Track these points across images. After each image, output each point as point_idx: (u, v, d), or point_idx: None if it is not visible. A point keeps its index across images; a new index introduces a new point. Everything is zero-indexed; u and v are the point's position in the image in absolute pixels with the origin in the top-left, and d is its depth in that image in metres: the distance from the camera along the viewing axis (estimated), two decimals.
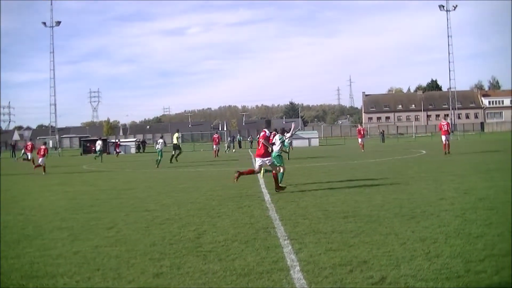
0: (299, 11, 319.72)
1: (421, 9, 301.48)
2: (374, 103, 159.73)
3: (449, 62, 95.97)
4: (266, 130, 16.07)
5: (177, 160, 37.27)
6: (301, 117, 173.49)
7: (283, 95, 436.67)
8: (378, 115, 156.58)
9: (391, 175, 19.54)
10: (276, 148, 16.63)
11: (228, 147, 56.13)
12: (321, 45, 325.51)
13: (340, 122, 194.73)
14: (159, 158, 33.19)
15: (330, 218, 10.52)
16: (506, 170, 18.81)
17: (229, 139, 59.45)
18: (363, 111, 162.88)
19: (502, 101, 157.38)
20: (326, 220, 10.25)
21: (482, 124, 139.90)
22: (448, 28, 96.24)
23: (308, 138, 68.31)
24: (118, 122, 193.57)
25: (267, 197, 14.43)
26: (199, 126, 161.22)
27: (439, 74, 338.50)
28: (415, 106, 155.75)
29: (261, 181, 18.31)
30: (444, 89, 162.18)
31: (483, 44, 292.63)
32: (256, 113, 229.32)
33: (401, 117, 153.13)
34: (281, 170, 16.43)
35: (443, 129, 32.21)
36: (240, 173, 15.62)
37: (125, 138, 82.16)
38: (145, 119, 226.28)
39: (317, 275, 6.52)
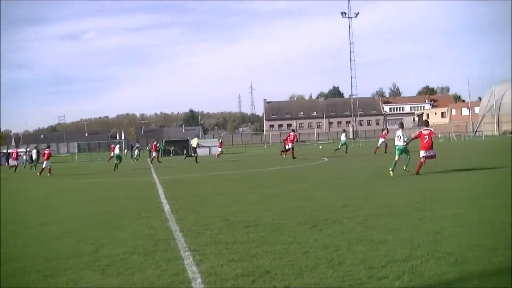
0: (199, 16, 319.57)
1: (324, 15, 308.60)
2: (276, 110, 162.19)
3: (350, 69, 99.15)
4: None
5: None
6: (201, 125, 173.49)
7: (183, 103, 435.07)
8: (280, 122, 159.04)
9: (294, 183, 19.90)
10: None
11: (133, 156, 56.15)
12: (221, 51, 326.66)
13: (241, 130, 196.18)
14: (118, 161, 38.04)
15: (232, 228, 10.57)
16: (408, 176, 19.59)
17: (129, 148, 58.93)
18: (264, 118, 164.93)
19: (403, 108, 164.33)
20: (228, 230, 10.29)
21: (383, 130, 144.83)
22: (349, 34, 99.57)
23: (209, 146, 68.42)
24: (10, 131, 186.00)
25: (166, 207, 14.32)
26: (96, 135, 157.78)
27: (341, 81, 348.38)
28: (317, 113, 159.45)
29: (161, 191, 18.17)
30: (346, 96, 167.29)
31: (385, 51, 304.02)
32: (155, 121, 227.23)
33: (303, 124, 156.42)
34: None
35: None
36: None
37: (17, 148, 79.28)
38: (39, 127, 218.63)
39: (219, 287, 6.54)
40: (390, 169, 20.31)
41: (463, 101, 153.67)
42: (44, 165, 34.53)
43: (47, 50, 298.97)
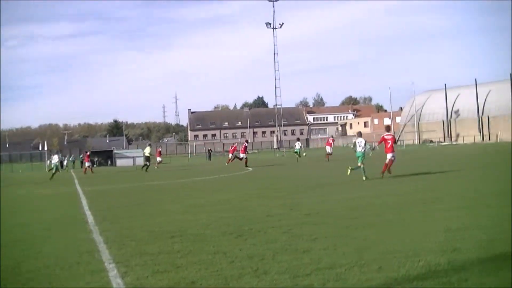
0: (123, 24, 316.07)
1: (249, 25, 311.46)
2: (200, 120, 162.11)
3: (275, 79, 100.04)
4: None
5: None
6: (126, 135, 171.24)
7: (107, 113, 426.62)
8: (204, 132, 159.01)
9: (219, 193, 19.86)
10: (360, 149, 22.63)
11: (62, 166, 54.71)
12: (146, 61, 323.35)
13: (165, 140, 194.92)
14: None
15: (157, 238, 10.45)
16: (332, 185, 19.89)
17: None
18: (189, 128, 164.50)
19: (326, 118, 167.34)
20: (152, 241, 10.16)
21: (307, 140, 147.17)
22: (274, 45, 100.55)
23: (133, 157, 67.69)
24: None
25: (90, 218, 14.05)
26: (17, 145, 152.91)
27: (265, 91, 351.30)
28: (241, 123, 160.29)
29: (84, 202, 17.81)
30: (271, 106, 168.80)
31: (308, 61, 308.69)
32: (78, 132, 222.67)
33: (227, 134, 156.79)
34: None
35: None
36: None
37: None
38: None
39: None
40: (364, 177, 21.37)
41: (385, 111, 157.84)
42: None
43: None
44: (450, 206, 12.71)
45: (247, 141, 45.17)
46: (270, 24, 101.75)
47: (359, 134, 24.51)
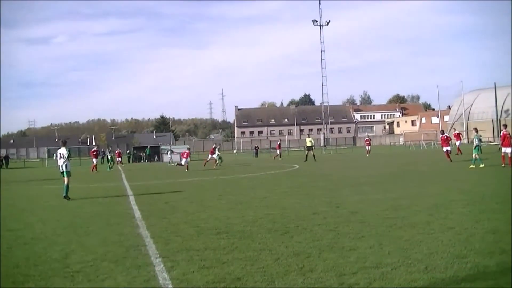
0: (169, 21, 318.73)
1: (295, 22, 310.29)
2: (247, 117, 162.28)
3: (322, 76, 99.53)
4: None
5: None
6: (173, 131, 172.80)
7: (154, 109, 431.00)
8: (251, 129, 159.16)
9: (264, 190, 19.90)
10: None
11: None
12: (192, 57, 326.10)
13: (212, 136, 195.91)
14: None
15: (202, 234, 10.55)
16: (376, 184, 19.75)
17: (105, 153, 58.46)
18: (235, 125, 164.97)
19: (374, 116, 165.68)
20: (198, 237, 10.26)
21: (354, 138, 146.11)
22: (321, 42, 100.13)
23: (179, 153, 68.13)
24: None
25: (137, 213, 14.24)
26: (67, 140, 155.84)
27: (312, 88, 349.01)
28: (288, 120, 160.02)
29: (131, 198, 18.05)
30: (317, 103, 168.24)
31: (355, 59, 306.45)
32: (125, 127, 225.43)
33: (274, 132, 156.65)
34: None
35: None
36: None
37: None
38: (8, 132, 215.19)
39: None
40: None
41: (433, 109, 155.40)
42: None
43: (14, 55, 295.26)
44: (494, 207, 12.47)
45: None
46: (316, 21, 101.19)
47: (476, 130, 29.96)
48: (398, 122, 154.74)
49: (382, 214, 12.23)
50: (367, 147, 59.16)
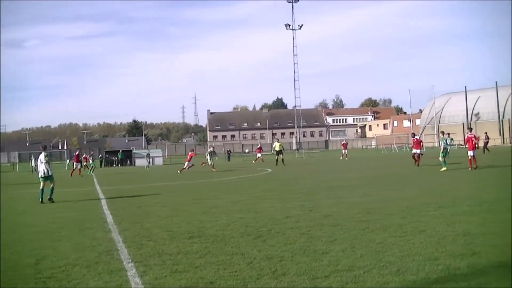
0: (141, 26, 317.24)
1: (268, 26, 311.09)
2: (219, 121, 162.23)
3: (294, 80, 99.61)
4: None
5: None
6: (145, 135, 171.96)
7: (126, 113, 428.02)
8: (224, 133, 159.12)
9: (237, 194, 19.89)
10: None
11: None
12: (165, 61, 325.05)
13: (184, 140, 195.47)
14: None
15: (175, 239, 10.50)
16: (350, 187, 19.85)
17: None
18: (208, 129, 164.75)
19: (346, 119, 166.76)
20: (171, 241, 10.22)
21: (326, 142, 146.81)
22: (293, 46, 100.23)
23: (152, 157, 67.82)
24: None
25: (109, 218, 14.15)
26: (38, 144, 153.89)
27: (284, 92, 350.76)
28: (260, 124, 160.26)
29: (103, 201, 17.92)
30: (290, 107, 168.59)
31: (328, 63, 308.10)
32: (98, 131, 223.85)
33: (246, 135, 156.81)
34: None
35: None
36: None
37: None
38: None
39: None
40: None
41: (405, 113, 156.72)
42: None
43: None
44: (467, 210, 12.61)
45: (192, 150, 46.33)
46: (289, 25, 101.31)
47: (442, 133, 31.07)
48: (370, 126, 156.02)
49: (355, 217, 12.29)
50: (343, 151, 58.47)
